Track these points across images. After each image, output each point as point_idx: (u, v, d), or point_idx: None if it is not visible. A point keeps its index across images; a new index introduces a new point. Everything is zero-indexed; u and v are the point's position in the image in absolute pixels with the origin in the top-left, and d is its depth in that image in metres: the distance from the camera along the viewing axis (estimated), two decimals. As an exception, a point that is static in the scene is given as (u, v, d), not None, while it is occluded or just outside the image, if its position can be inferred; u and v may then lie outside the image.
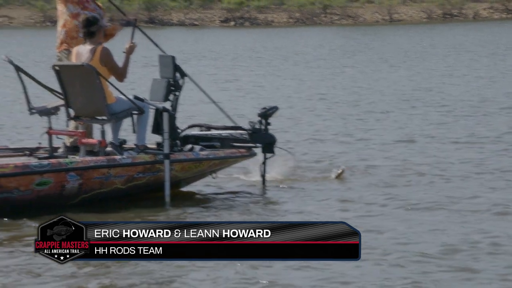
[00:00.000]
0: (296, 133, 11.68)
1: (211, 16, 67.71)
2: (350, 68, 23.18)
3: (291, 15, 69.06)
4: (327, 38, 42.43)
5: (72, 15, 8.16)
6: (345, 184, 8.61)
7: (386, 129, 12.23)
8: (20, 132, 11.87)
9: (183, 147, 8.24)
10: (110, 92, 7.88)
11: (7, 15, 62.67)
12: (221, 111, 8.65)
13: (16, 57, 22.50)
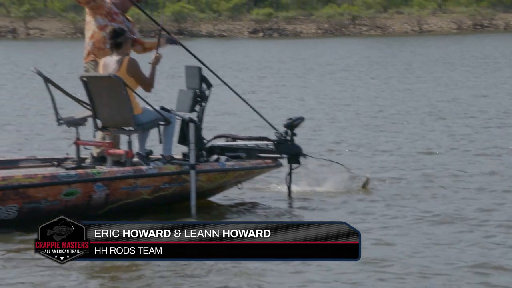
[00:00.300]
0: (320, 144, 11.67)
1: (239, 27, 67.89)
2: (376, 79, 23.13)
3: (319, 26, 69.03)
4: (355, 49, 42.35)
5: (100, 26, 8.23)
6: (368, 195, 8.56)
7: (410, 139, 12.18)
8: (48, 142, 11.97)
9: (209, 158, 8.26)
10: (136, 103, 7.92)
11: (39, 27, 63.35)
12: (254, 119, 8.60)
13: (45, 68, 22.88)
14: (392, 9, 73.34)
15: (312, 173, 8.71)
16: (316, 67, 28.84)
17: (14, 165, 8.25)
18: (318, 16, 69.66)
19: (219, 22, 67.68)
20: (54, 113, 8.10)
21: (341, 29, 68.60)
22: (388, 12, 73.12)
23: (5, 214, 7.23)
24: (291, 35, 66.86)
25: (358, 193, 8.67)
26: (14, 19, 64.39)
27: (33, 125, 13.95)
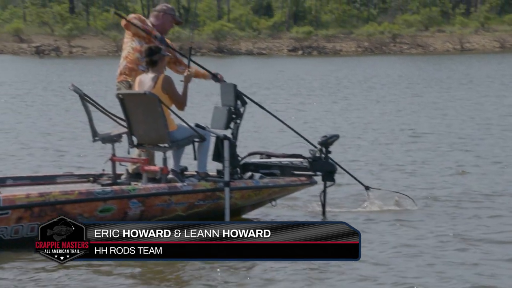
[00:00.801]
0: (355, 162, 11.61)
1: (279, 45, 68.03)
2: (415, 97, 22.98)
3: (359, 44, 68.87)
4: (394, 67, 42.16)
5: (136, 48, 8.34)
6: (405, 214, 8.49)
7: (447, 158, 12.04)
8: (84, 158, 12.09)
9: (243, 175, 8.26)
10: (172, 120, 7.97)
11: (82, 45, 64.21)
12: (288, 136, 8.59)
13: (86, 85, 23.16)
14: (433, 28, 72.97)
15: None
16: (354, 84, 28.79)
17: (51, 181, 8.35)
18: (358, 34, 69.53)
19: (258, 40, 67.90)
20: (90, 130, 8.19)
21: (381, 47, 68.39)
22: (429, 30, 72.78)
23: None
24: (330, 53, 66.80)
25: (393, 211, 8.61)
26: (57, 37, 65.36)
27: (70, 141, 14.10)
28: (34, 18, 70.93)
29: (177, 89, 7.96)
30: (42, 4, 72.93)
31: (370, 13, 78.29)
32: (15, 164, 11.55)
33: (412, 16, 74.45)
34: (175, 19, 8.58)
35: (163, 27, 8.53)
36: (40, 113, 18.91)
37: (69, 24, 65.49)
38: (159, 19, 8.50)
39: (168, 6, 8.68)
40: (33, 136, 14.69)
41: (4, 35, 66.37)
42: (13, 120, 17.37)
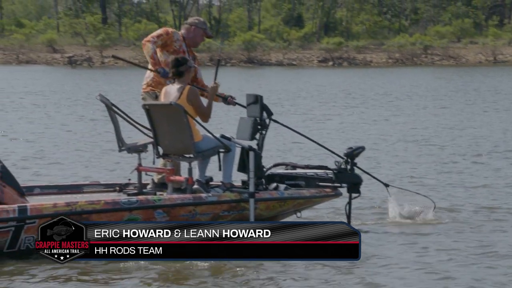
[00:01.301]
0: (383, 173, 11.56)
1: (309, 56, 68.01)
2: (445, 109, 22.82)
3: (390, 55, 68.59)
4: (425, 79, 41.93)
5: (165, 62, 8.39)
6: (429, 228, 8.42)
7: (477, 172, 11.91)
8: (111, 168, 12.16)
9: (268, 186, 8.26)
10: (197, 131, 8.00)
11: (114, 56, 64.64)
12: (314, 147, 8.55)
13: (116, 95, 23.29)
14: (466, 39, 72.49)
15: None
16: (385, 95, 28.68)
17: (78, 190, 8.43)
18: (389, 45, 69.27)
19: (289, 51, 67.93)
20: (116, 140, 8.25)
21: (412, 58, 68.06)
22: (461, 42, 72.33)
23: None
24: (361, 64, 66.61)
25: (419, 225, 8.55)
26: (90, 47, 65.97)
27: (96, 151, 14.19)
28: (67, 29, 71.68)
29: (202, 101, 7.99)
30: (76, 15, 73.71)
31: (402, 24, 77.98)
32: (42, 173, 11.67)
33: (444, 27, 74.05)
34: (206, 33, 8.62)
35: (194, 41, 8.59)
36: (67, 123, 19.07)
37: (102, 35, 66.09)
38: (190, 32, 8.56)
39: (200, 19, 8.72)
40: (59, 146, 14.83)
41: (38, 46, 67.14)
42: (41, 129, 17.55)
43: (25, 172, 11.62)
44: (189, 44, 8.58)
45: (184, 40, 8.56)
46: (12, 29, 70.79)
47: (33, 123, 18.99)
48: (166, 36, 8.45)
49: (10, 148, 14.33)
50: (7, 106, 23.95)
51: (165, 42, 8.44)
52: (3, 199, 7.23)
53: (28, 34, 68.28)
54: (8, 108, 23.13)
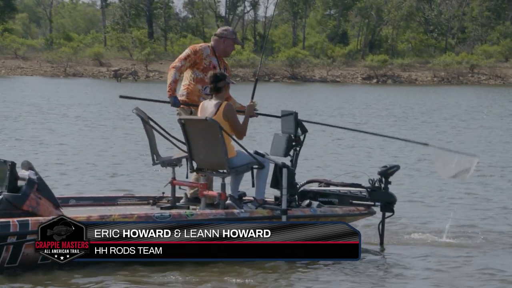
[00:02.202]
0: (411, 193, 11.47)
1: (353, 73, 67.87)
2: (487, 129, 22.56)
3: (436, 74, 68.14)
4: (469, 98, 41.52)
5: (197, 79, 8.47)
6: (456, 249, 8.33)
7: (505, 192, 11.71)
8: (146, 180, 12.23)
9: (301, 203, 8.24)
10: (231, 146, 8.01)
11: (158, 70, 65.34)
12: (348, 164, 8.50)
13: (155, 109, 23.44)
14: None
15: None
16: (427, 114, 28.48)
17: (112, 202, 8.49)
18: (435, 64, 68.82)
19: (333, 67, 67.86)
20: (151, 153, 8.32)
21: (458, 77, 67.51)
22: (509, 61, 71.54)
23: None
24: (405, 82, 66.24)
25: (445, 246, 8.45)
26: (135, 61, 66.70)
27: (132, 163, 14.28)
28: (114, 43, 72.61)
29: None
30: (122, 30, 74.63)
31: (448, 42, 77.41)
32: (78, 184, 11.79)
33: (492, 46, 73.33)
34: (235, 41, 8.66)
35: (225, 51, 8.63)
36: (106, 135, 19.25)
37: (147, 49, 66.78)
38: (221, 43, 8.61)
39: (228, 29, 8.74)
40: (96, 157, 14.96)
41: (85, 59, 68.13)
42: (79, 142, 17.73)
43: (61, 183, 11.76)
44: (219, 55, 8.62)
45: (215, 53, 8.60)
46: (60, 42, 71.93)
47: (72, 135, 19.21)
48: (194, 56, 8.50)
49: (48, 159, 14.51)
50: (51, 117, 24.31)
51: (195, 61, 8.50)
52: (39, 211, 7.28)
53: (75, 48, 69.31)
54: (51, 119, 23.47)
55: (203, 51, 8.55)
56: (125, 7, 77.17)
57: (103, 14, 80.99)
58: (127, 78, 62.36)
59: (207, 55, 8.55)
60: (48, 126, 21.33)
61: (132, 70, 64.02)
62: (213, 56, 8.58)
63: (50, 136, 18.60)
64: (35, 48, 72.61)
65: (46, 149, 15.98)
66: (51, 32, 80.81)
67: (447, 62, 68.54)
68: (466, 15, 78.03)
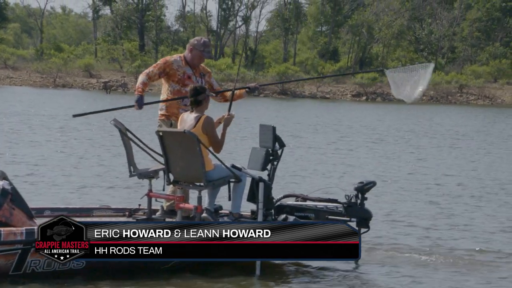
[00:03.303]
0: (388, 210, 11.45)
1: (343, 89, 68.03)
2: (471, 150, 22.59)
3: (425, 92, 68.22)
4: (456, 118, 41.66)
5: (174, 91, 8.48)
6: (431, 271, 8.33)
7: (488, 217, 11.57)
8: (123, 192, 12.18)
9: (277, 217, 8.23)
10: (209, 159, 8.02)
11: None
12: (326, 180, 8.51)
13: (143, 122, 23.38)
14: (502, 80, 72.02)
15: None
16: (413, 132, 28.54)
17: (87, 213, 8.46)
18: (424, 82, 69.04)
19: (322, 84, 68.00)
20: (128, 165, 8.30)
21: (447, 97, 67.76)
22: (498, 82, 71.87)
23: (74, 264, 7.25)
24: (395, 100, 66.39)
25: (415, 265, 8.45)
26: (126, 73, 66.66)
27: (109, 175, 14.21)
28: (104, 55, 72.58)
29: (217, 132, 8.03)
30: (114, 41, 74.62)
31: (438, 62, 77.77)
32: (55, 195, 11.71)
33: (481, 67, 73.68)
34: (203, 54, 8.61)
35: (192, 61, 8.62)
36: (84, 146, 19.14)
37: (138, 61, 66.77)
38: (189, 52, 8.62)
39: (200, 41, 8.69)
40: (73, 169, 14.87)
41: (75, 70, 68.04)
42: (56, 152, 17.60)
43: (36, 193, 11.69)
44: (192, 64, 8.61)
45: (187, 62, 8.60)
46: (51, 53, 71.85)
47: (50, 146, 19.10)
48: (164, 64, 8.53)
49: (25, 169, 14.43)
50: (31, 127, 24.22)
51: (167, 72, 8.50)
52: (12, 221, 7.25)
53: (66, 59, 69.21)
54: (30, 129, 23.38)
55: (173, 62, 8.57)
56: (117, 19, 77.22)
57: (94, 26, 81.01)
58: (117, 90, 62.30)
59: (178, 66, 8.56)
60: (26, 136, 21.20)
61: (122, 82, 63.96)
62: (186, 66, 8.58)
63: (27, 147, 18.49)
64: (25, 58, 72.53)
65: (22, 160, 15.88)
66: (41, 43, 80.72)
67: (436, 81, 68.77)
68: (456, 35, 78.43)
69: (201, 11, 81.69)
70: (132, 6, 78.32)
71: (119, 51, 71.24)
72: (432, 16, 79.58)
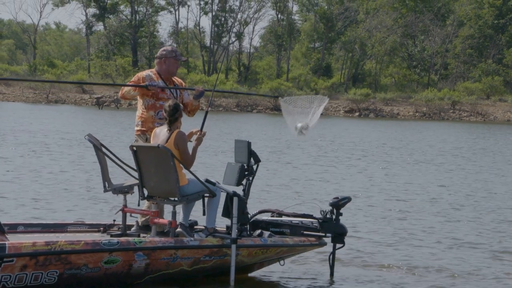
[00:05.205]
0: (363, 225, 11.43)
1: (336, 105, 68.13)
2: (459, 167, 22.57)
3: (418, 109, 68.49)
4: (448, 134, 41.68)
5: (148, 106, 8.45)
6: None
7: (469, 232, 11.57)
8: (98, 207, 12.12)
9: (252, 232, 8.19)
10: (183, 174, 7.97)
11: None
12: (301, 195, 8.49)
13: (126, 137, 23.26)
14: (495, 97, 72.21)
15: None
16: (402, 148, 28.56)
17: (62, 229, 8.40)
18: (417, 99, 69.20)
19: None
20: (102, 180, 8.26)
21: (440, 113, 67.91)
22: (490, 99, 72.05)
23: (45, 279, 7.22)
24: (387, 117, 66.54)
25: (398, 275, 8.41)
26: (118, 89, 66.68)
27: (83, 190, 14.16)
28: (97, 70, 72.64)
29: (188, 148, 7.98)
30: (107, 57, 74.69)
31: (431, 78, 77.93)
32: (29, 211, 11.62)
33: (474, 84, 73.88)
34: (177, 58, 8.59)
35: (168, 71, 8.58)
36: (61, 163, 19.02)
37: (131, 77, 66.69)
38: (163, 64, 8.58)
39: (167, 49, 8.67)
40: (48, 184, 14.77)
41: (68, 86, 68.06)
42: (32, 168, 17.49)
43: (11, 209, 11.62)
44: (165, 77, 8.59)
45: (160, 76, 8.58)
46: (44, 69, 71.89)
47: (27, 161, 19.00)
48: (138, 80, 8.51)
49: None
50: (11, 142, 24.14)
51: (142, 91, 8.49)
52: (-18, 236, 7.20)
53: (59, 74, 69.26)
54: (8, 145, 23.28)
55: (145, 77, 8.54)
56: (110, 35, 77.33)
57: (87, 42, 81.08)
58: (110, 106, 62.29)
59: (151, 79, 8.52)
60: (3, 152, 21.07)
61: (114, 98, 63.94)
62: (158, 79, 8.55)
63: (3, 163, 18.41)
64: (19, 74, 72.55)
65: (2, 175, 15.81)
66: (35, 59, 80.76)
67: (429, 97, 68.94)
68: (449, 52, 78.68)
69: (194, 27, 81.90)
70: (125, 22, 78.48)
71: (112, 67, 71.32)
72: (424, 33, 79.86)
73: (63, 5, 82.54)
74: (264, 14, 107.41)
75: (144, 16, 79.09)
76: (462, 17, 79.14)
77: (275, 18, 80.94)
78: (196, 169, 8.05)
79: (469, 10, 78.71)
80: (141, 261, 7.57)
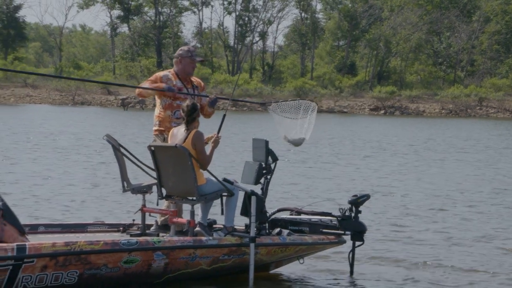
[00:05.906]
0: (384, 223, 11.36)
1: (361, 104, 67.88)
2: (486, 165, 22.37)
3: (444, 106, 68.04)
4: (474, 131, 41.36)
5: (165, 106, 8.49)
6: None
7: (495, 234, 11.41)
8: (118, 207, 12.16)
9: (271, 231, 8.18)
10: (201, 174, 7.98)
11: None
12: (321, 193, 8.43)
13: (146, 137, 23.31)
14: (523, 92, 71.62)
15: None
16: (426, 145, 28.40)
17: (81, 229, 8.45)
18: (443, 96, 68.75)
19: (340, 98, 67.91)
20: (121, 180, 8.29)
21: (466, 110, 67.40)
22: (519, 94, 71.45)
23: (66, 279, 7.25)
24: (413, 114, 66.18)
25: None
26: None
27: (105, 191, 14.20)
28: (122, 72, 73.01)
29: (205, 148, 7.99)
30: (131, 59, 75.06)
31: (457, 75, 77.39)
32: (50, 211, 11.68)
33: (501, 80, 73.22)
34: (193, 59, 8.61)
35: (184, 71, 8.61)
36: (82, 164, 19.14)
37: (155, 78, 67.02)
38: (179, 64, 8.62)
39: (183, 49, 8.72)
40: (68, 185, 14.82)
41: (94, 88, 68.50)
42: (53, 169, 17.61)
43: (33, 209, 11.69)
44: (182, 77, 8.61)
45: (178, 76, 8.60)
46: (70, 71, 72.39)
47: (47, 162, 19.13)
48: (155, 79, 8.55)
49: (22, 186, 14.42)
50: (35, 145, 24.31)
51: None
52: (3, 237, 7.23)
53: (84, 76, 69.70)
54: (33, 147, 23.44)
55: (162, 77, 8.59)
56: (135, 36, 77.69)
57: (112, 43, 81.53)
58: (135, 107, 62.56)
59: (168, 79, 8.56)
60: (28, 154, 21.16)
61: (139, 99, 64.17)
62: (176, 80, 8.58)
63: (27, 163, 18.48)
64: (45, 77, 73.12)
65: (19, 177, 15.85)
66: (60, 61, 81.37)
67: (455, 94, 68.45)
68: (476, 48, 78.06)
69: (218, 27, 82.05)
70: (149, 23, 78.80)
71: (137, 68, 71.63)
72: (450, 30, 79.31)
73: (87, 7, 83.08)
74: (287, 13, 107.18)
75: (168, 17, 79.35)
76: (489, 12, 78.47)
77: (299, 16, 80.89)
78: (214, 168, 8.04)
79: (495, 6, 78.03)
80: (160, 261, 7.58)
